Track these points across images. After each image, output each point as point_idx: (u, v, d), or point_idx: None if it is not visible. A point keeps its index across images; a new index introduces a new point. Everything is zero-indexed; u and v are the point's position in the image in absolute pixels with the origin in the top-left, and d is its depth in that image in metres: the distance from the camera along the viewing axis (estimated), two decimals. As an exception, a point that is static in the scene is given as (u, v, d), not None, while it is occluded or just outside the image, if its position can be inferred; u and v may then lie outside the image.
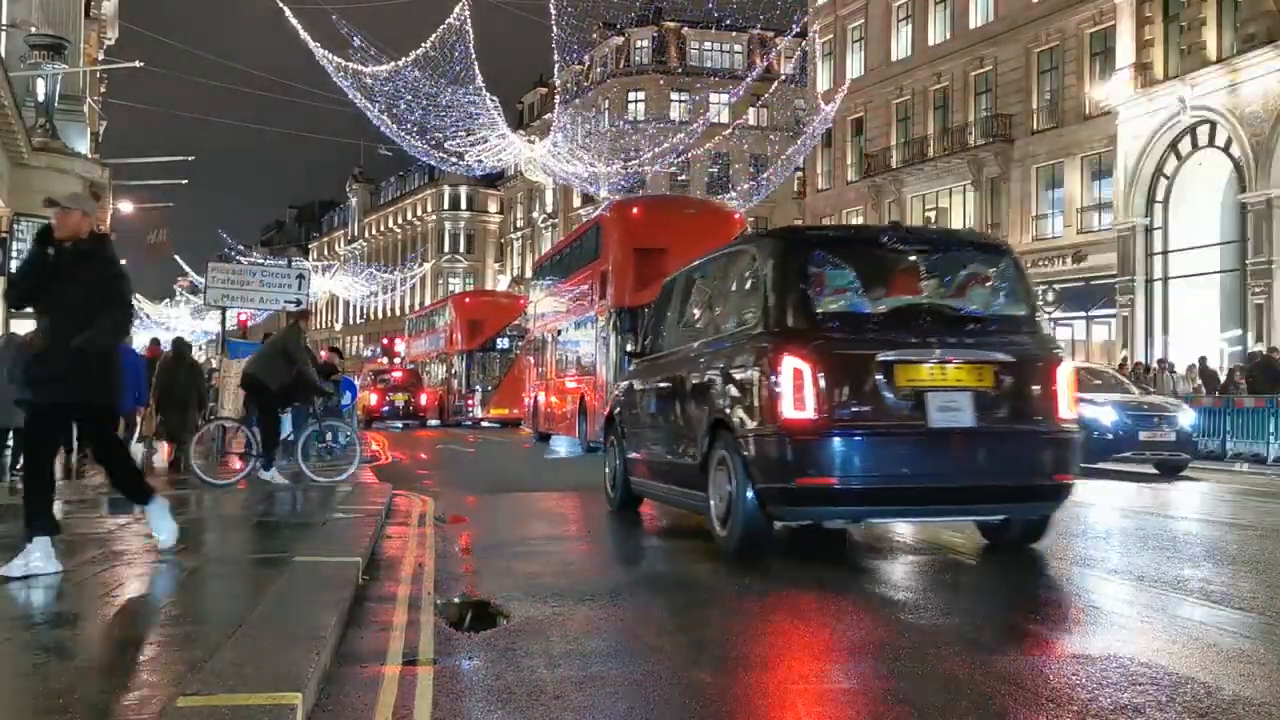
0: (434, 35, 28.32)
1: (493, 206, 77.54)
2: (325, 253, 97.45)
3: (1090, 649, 4.33)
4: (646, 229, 18.29)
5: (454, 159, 35.06)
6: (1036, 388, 6.29)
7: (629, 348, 9.09)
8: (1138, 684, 3.80)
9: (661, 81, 53.18)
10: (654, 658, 4.23)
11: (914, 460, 6.06)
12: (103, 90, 33.72)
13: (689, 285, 8.23)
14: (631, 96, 54.17)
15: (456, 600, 5.35)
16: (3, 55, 16.19)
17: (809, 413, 5.87)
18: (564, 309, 21.91)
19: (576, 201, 56.62)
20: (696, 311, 7.95)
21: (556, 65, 32.60)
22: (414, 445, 22.19)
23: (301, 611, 4.47)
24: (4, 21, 17.75)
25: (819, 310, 6.27)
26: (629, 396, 8.85)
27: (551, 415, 22.40)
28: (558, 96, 39.30)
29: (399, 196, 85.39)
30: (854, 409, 5.97)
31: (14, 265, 17.96)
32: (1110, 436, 13.99)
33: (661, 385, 7.94)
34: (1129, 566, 6.40)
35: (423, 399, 34.67)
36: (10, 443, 11.19)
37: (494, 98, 31.48)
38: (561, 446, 20.75)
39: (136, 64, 21.89)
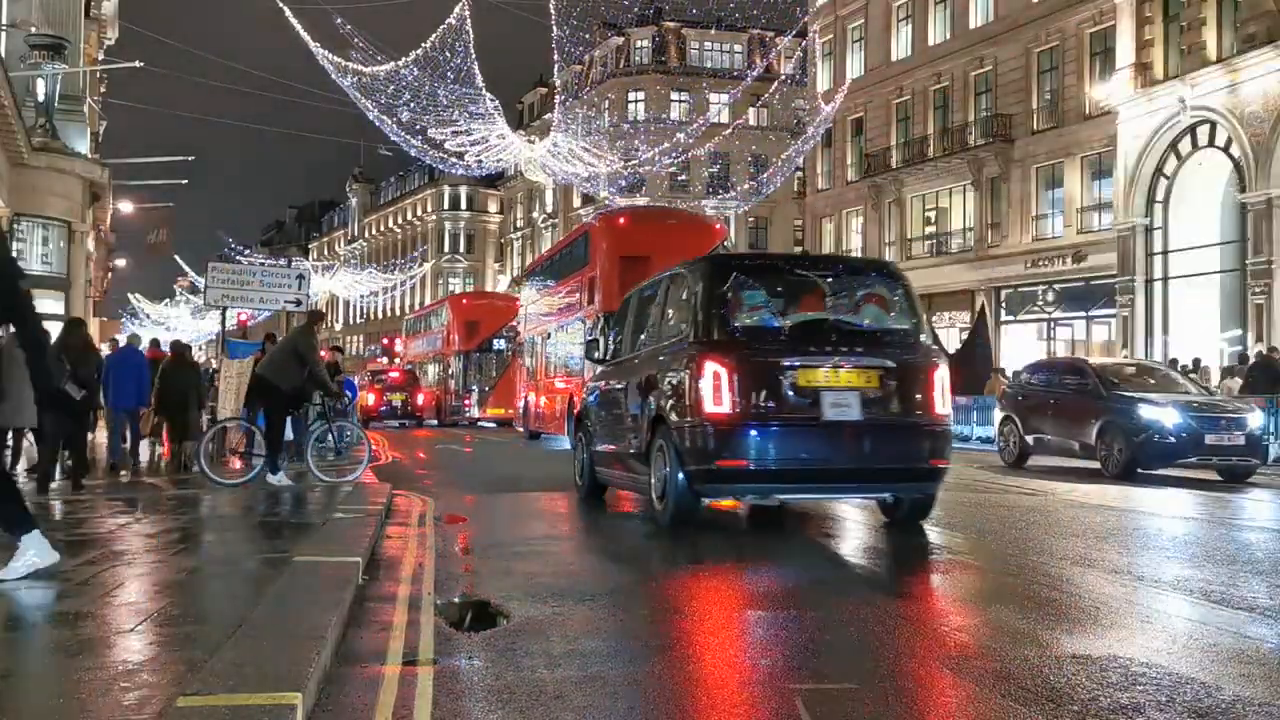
0: (434, 35, 28.31)
1: (493, 206, 77.48)
2: (325, 253, 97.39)
3: (1090, 649, 4.33)
4: (632, 238, 19.18)
5: (454, 159, 35.03)
6: (915, 388, 7.46)
7: (594, 355, 10.09)
8: (1138, 684, 3.81)
9: (661, 81, 53.16)
10: (654, 658, 4.23)
11: (811, 447, 7.27)
12: (103, 90, 33.70)
13: (642, 302, 9.40)
14: (631, 96, 54.14)
15: (456, 600, 5.36)
16: (3, 55, 16.18)
17: (726, 408, 7.12)
18: (554, 313, 22.66)
19: (576, 201, 56.56)
20: (646, 324, 9.08)
21: (556, 65, 32.57)
22: (412, 445, 22.19)
23: (301, 611, 4.46)
24: (4, 21, 17.73)
25: (737, 324, 7.54)
26: (593, 398, 9.93)
27: (542, 415, 22.80)
28: (558, 96, 39.26)
29: (399, 196, 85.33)
30: (762, 405, 7.19)
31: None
32: (1172, 440, 12.97)
33: (618, 387, 9.09)
34: (1129, 566, 6.41)
35: (419, 399, 34.77)
36: (9, 443, 11.20)
37: (494, 98, 31.47)
38: (566, 441, 20.89)
39: (136, 64, 21.87)
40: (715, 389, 7.13)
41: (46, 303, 18.93)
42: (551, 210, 62.83)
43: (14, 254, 5.67)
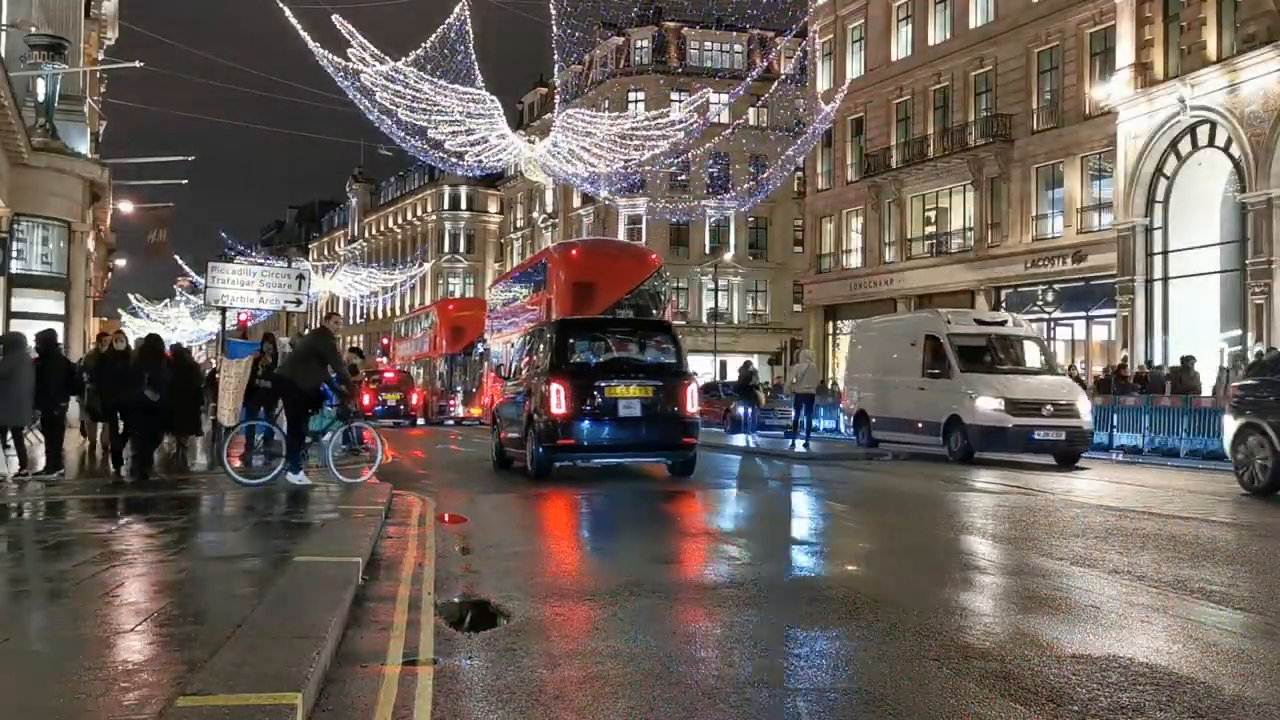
0: (434, 35, 28.26)
1: (493, 206, 77.38)
2: (325, 253, 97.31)
3: (1090, 649, 4.33)
4: (583, 268, 22.64)
5: (454, 159, 35.00)
6: (674, 398, 12.24)
7: (503, 374, 15.53)
8: (1138, 684, 3.81)
9: (661, 81, 53.12)
10: (654, 658, 4.23)
11: (612, 431, 12.06)
12: (103, 90, 33.66)
13: (528, 341, 14.78)
14: (631, 96, 54.10)
15: (456, 600, 5.36)
16: (3, 55, 16.16)
17: (564, 410, 11.84)
18: (516, 325, 25.36)
19: (576, 201, 56.48)
20: (528, 356, 14.09)
21: (556, 65, 32.53)
22: (408, 444, 22.18)
23: (301, 611, 4.47)
24: (4, 21, 17.71)
25: (572, 360, 12.55)
26: (502, 404, 14.89)
27: None
28: (558, 96, 39.21)
29: (399, 196, 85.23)
30: (584, 408, 11.92)
31: (14, 265, 17.98)
32: None
33: (514, 397, 13.89)
34: (1129, 567, 6.40)
35: (414, 399, 35.55)
36: (10, 442, 11.22)
37: (494, 98, 31.41)
38: None
39: (136, 64, 21.80)
40: (558, 399, 11.83)
41: (46, 302, 18.92)
42: (551, 210, 62.76)
43: None
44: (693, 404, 12.32)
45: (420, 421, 35.13)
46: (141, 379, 11.30)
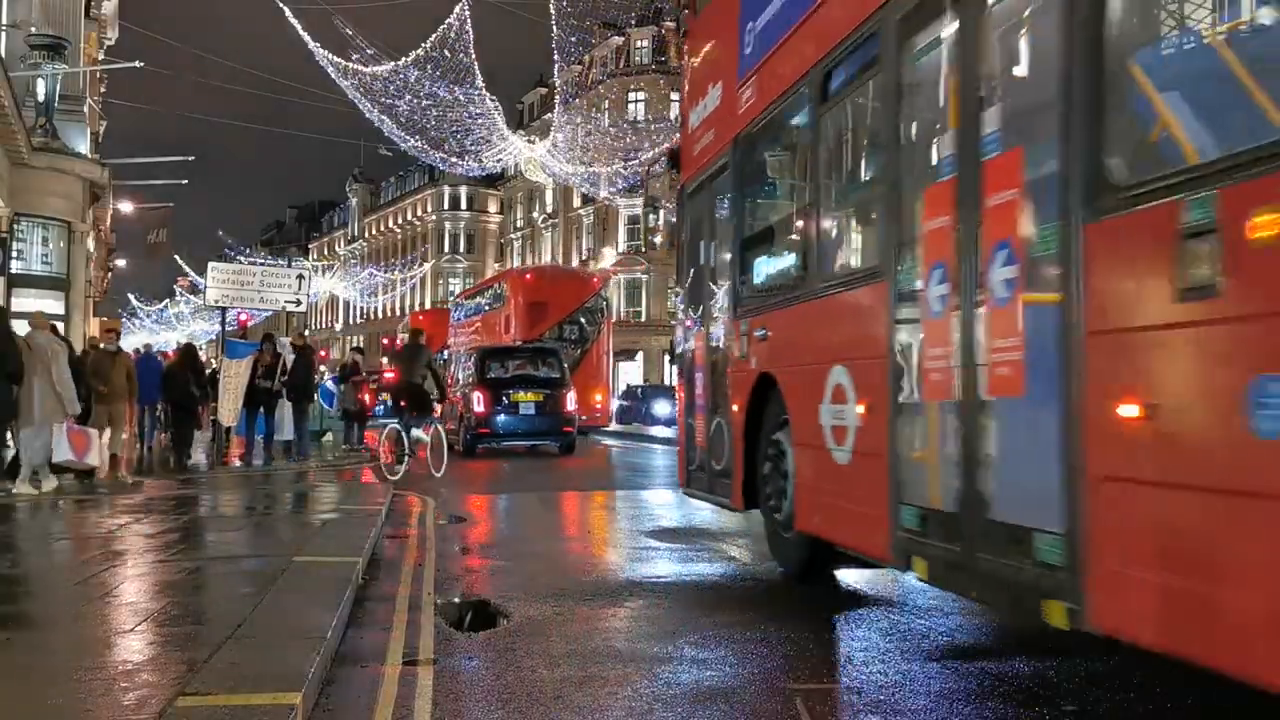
0: (434, 35, 28.25)
1: (493, 206, 77.30)
2: (325, 253, 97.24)
3: (1090, 649, 4.33)
4: (536, 289, 26.90)
5: (454, 159, 35.00)
6: (558, 401, 17.78)
7: (447, 382, 18.92)
8: (1138, 684, 3.80)
9: (661, 82, 53.08)
10: (654, 658, 4.23)
11: (516, 423, 17.66)
12: (103, 90, 33.63)
13: (461, 360, 20.60)
14: (631, 96, 54.08)
15: (456, 600, 5.36)
16: (3, 55, 16.16)
17: (483, 409, 17.42)
18: (479, 337, 28.90)
19: (576, 201, 56.46)
20: (464, 368, 19.64)
21: (556, 65, 32.51)
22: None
23: (301, 611, 4.47)
24: (4, 21, 17.71)
25: (488, 375, 18.07)
26: (448, 402, 18.55)
27: None
28: (558, 96, 39.19)
29: (399, 196, 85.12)
30: (498, 407, 17.52)
31: (14, 266, 17.98)
32: None
33: (456, 397, 18.53)
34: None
35: None
36: (10, 440, 11.22)
37: (494, 98, 31.40)
38: None
39: (137, 64, 21.76)
40: (479, 401, 17.24)
41: (46, 303, 18.92)
42: (551, 210, 62.72)
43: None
44: (570, 405, 17.92)
45: None
46: (187, 381, 13.83)
